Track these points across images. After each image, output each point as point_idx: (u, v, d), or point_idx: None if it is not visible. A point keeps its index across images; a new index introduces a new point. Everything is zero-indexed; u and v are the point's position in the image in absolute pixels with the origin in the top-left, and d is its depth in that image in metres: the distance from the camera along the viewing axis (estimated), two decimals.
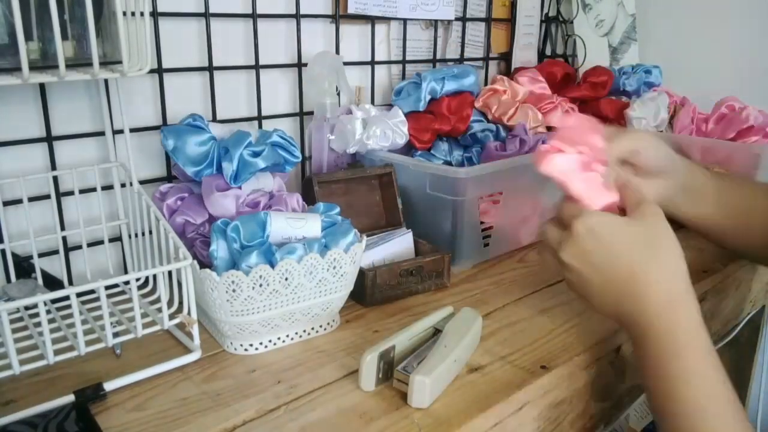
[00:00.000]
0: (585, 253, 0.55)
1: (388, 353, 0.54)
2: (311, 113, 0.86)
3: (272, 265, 0.55)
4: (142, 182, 0.69)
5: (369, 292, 0.69)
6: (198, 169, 0.65)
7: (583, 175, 0.57)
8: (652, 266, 0.53)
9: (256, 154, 0.65)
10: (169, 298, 0.57)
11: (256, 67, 0.82)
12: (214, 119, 0.79)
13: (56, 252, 0.69)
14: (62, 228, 0.68)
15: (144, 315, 0.58)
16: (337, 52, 0.89)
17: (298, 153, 0.69)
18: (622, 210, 0.58)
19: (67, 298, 0.50)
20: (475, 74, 0.92)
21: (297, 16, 0.83)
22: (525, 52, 1.18)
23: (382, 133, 0.83)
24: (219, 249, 0.57)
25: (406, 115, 0.87)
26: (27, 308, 0.62)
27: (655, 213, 0.55)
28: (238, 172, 0.65)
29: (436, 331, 0.58)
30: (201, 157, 0.66)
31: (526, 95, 0.96)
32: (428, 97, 0.89)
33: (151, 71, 0.72)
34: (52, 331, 0.55)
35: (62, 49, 0.49)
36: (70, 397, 0.51)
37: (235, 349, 0.60)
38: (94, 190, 0.68)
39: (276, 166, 0.68)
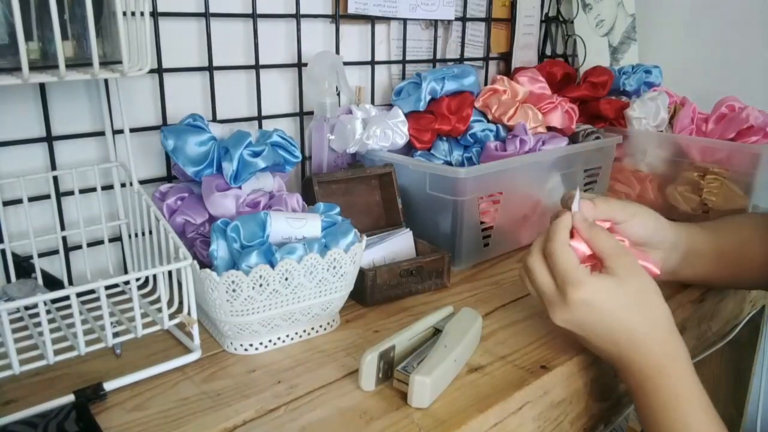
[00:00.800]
0: (581, 321, 0.54)
1: (388, 353, 0.54)
2: (311, 113, 0.86)
3: (272, 265, 0.55)
4: (142, 182, 0.70)
5: (369, 292, 0.69)
6: (198, 169, 0.65)
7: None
8: (649, 327, 0.53)
9: (256, 154, 0.65)
10: (169, 298, 0.57)
11: (256, 67, 0.82)
12: (214, 119, 0.79)
13: (56, 252, 0.69)
14: (62, 228, 0.68)
15: (144, 315, 0.58)
16: (337, 52, 0.89)
17: (298, 153, 0.69)
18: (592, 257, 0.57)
19: (67, 298, 0.50)
20: (475, 74, 0.92)
21: (297, 16, 0.83)
22: (525, 52, 1.18)
23: (382, 133, 0.83)
24: (219, 249, 0.57)
25: (406, 115, 0.87)
26: (27, 308, 0.62)
27: (635, 266, 0.55)
28: (238, 172, 0.65)
29: (436, 331, 0.58)
30: (201, 157, 0.66)
31: (526, 95, 0.96)
32: (428, 97, 0.89)
33: (151, 71, 0.72)
34: (52, 331, 0.55)
35: (62, 49, 0.48)
36: (70, 397, 0.51)
37: (235, 349, 0.60)
38: (94, 190, 0.68)
39: (276, 166, 0.68)
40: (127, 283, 0.66)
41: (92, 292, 0.57)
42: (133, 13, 0.54)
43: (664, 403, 0.52)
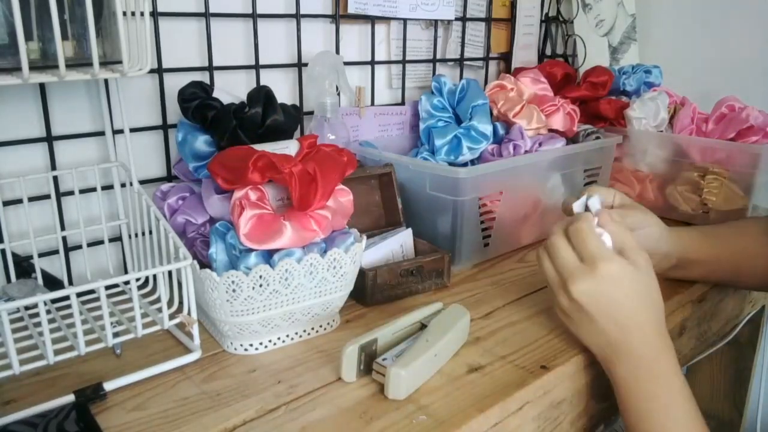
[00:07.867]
0: (600, 294, 0.56)
1: (370, 346, 0.55)
2: (311, 113, 0.86)
3: (272, 266, 0.55)
4: (142, 182, 0.69)
5: (369, 292, 0.69)
6: (198, 164, 0.65)
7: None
8: (652, 319, 0.57)
9: None
10: (169, 298, 0.57)
11: (256, 67, 0.82)
12: None
13: (56, 252, 0.69)
14: (62, 228, 0.68)
15: (144, 315, 0.58)
16: (337, 52, 0.89)
17: None
18: None
19: (67, 298, 0.50)
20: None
21: (297, 16, 0.83)
22: (525, 52, 1.18)
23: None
24: (218, 252, 0.57)
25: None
26: (27, 308, 0.62)
27: (650, 264, 0.58)
28: None
29: (422, 326, 0.59)
30: (205, 155, 0.65)
31: (531, 96, 0.96)
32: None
33: (151, 71, 0.72)
34: (52, 331, 0.55)
35: (62, 49, 0.48)
36: (70, 397, 0.51)
37: (235, 349, 0.60)
38: (94, 190, 0.68)
39: None
40: (127, 283, 0.66)
41: (92, 292, 0.57)
42: (133, 13, 0.54)
43: (654, 390, 0.54)
